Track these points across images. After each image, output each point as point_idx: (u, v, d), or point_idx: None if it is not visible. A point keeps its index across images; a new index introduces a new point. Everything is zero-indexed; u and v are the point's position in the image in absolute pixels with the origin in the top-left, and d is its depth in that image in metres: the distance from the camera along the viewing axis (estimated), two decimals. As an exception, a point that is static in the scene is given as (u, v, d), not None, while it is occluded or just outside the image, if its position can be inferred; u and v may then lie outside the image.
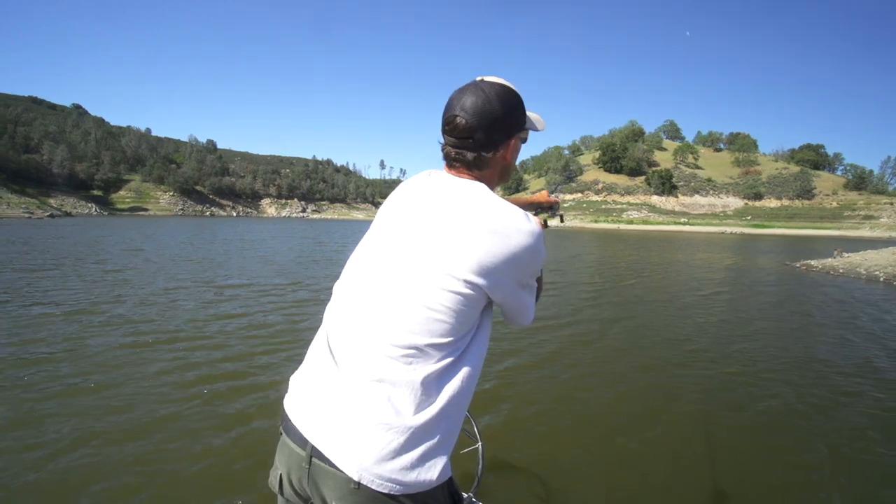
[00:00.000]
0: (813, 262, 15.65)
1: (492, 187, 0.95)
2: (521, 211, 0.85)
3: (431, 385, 0.81)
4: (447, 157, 0.93)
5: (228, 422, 3.12)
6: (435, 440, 0.81)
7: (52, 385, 3.61)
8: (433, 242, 0.84)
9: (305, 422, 0.85)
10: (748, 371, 4.54)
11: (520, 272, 0.86)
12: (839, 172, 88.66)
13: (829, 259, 16.18)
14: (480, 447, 1.75)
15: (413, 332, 0.81)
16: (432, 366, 0.81)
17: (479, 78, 0.93)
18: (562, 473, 2.75)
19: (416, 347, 0.81)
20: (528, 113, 0.97)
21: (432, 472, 0.80)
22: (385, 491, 0.78)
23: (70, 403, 3.31)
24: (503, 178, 0.99)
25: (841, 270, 13.77)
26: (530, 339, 5.40)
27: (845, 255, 16.82)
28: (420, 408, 0.80)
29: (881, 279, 12.15)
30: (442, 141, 0.94)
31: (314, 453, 0.83)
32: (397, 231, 0.89)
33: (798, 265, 15.68)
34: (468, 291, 0.82)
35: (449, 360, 0.82)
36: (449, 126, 0.90)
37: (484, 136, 0.89)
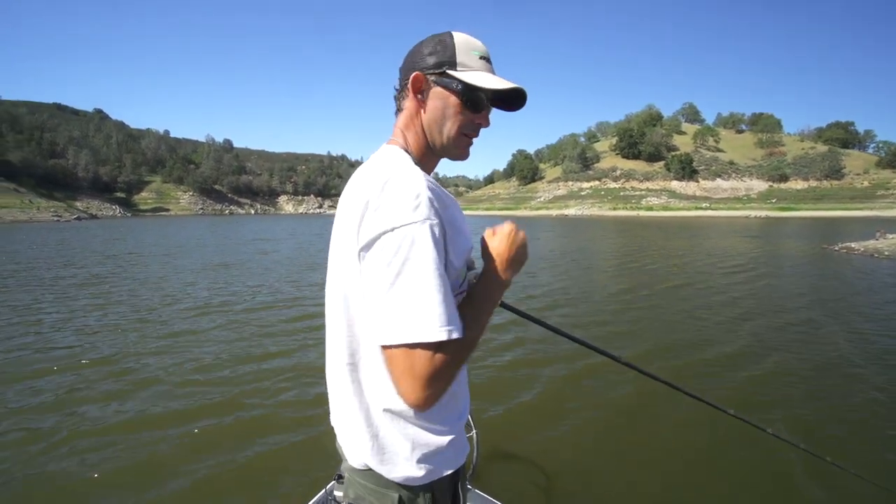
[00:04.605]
0: (854, 245, 14.94)
1: (416, 143, 0.84)
2: (407, 188, 0.69)
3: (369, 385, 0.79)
4: None
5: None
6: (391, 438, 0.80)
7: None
8: (343, 228, 0.77)
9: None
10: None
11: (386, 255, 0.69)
12: (871, 150, 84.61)
13: (872, 241, 15.43)
14: (476, 435, 1.79)
15: (342, 335, 0.78)
16: (366, 370, 0.79)
17: None
18: (558, 461, 2.69)
19: (349, 354, 0.79)
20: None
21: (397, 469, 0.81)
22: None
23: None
24: (431, 132, 0.82)
25: (886, 253, 13.08)
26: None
27: (889, 236, 16.01)
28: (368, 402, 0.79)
29: (932, 261, 11.48)
30: None
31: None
32: (336, 222, 0.82)
33: (837, 248, 14.99)
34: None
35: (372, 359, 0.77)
36: None
37: (399, 81, 0.84)
